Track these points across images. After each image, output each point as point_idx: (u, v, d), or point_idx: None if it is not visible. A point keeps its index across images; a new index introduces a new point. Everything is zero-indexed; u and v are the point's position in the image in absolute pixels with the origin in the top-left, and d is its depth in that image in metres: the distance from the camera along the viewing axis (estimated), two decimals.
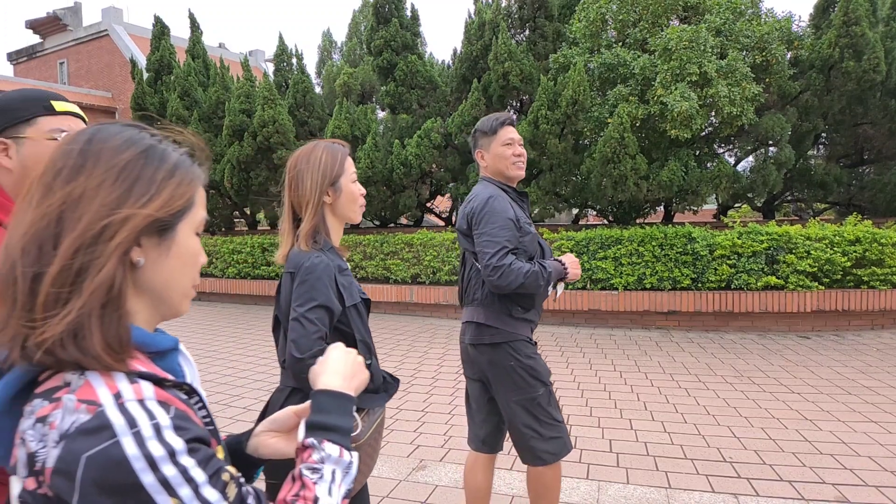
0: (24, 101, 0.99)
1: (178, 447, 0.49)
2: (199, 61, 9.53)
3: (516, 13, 7.70)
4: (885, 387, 3.73)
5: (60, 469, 0.46)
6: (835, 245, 5.31)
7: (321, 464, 0.58)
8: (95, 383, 0.50)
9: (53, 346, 0.50)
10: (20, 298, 0.51)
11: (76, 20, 22.70)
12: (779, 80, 6.45)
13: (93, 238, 0.52)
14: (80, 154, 0.55)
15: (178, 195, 0.57)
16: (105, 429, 0.47)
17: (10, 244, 0.53)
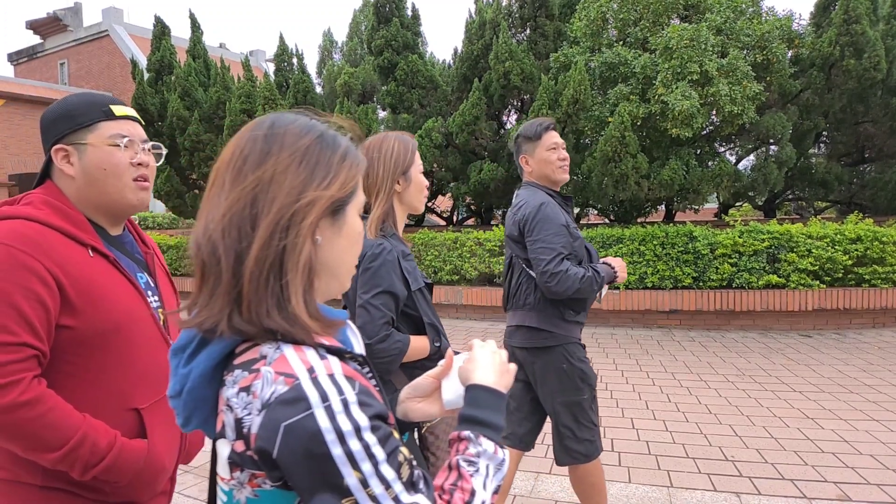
0: (85, 106, 0.97)
1: (363, 424, 0.52)
2: (200, 61, 9.54)
3: (517, 12, 7.70)
4: (886, 385, 3.73)
5: (262, 435, 0.51)
6: (836, 243, 5.31)
7: (477, 458, 0.60)
8: (290, 357, 0.54)
9: (260, 319, 0.54)
10: (225, 276, 0.55)
11: (76, 20, 22.71)
12: (779, 78, 6.44)
13: (287, 219, 0.55)
14: (265, 140, 0.59)
15: (350, 178, 0.61)
16: (301, 401, 0.51)
17: (210, 227, 0.57)
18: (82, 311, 0.89)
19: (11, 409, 0.81)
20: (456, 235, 6.56)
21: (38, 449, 0.84)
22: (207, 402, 0.57)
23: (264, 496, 0.54)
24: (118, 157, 0.97)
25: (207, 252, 0.56)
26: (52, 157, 0.96)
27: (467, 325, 6.13)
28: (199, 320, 0.56)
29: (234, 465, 0.54)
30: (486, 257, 6.29)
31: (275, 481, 0.53)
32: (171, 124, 8.86)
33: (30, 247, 0.86)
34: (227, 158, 0.59)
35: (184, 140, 8.65)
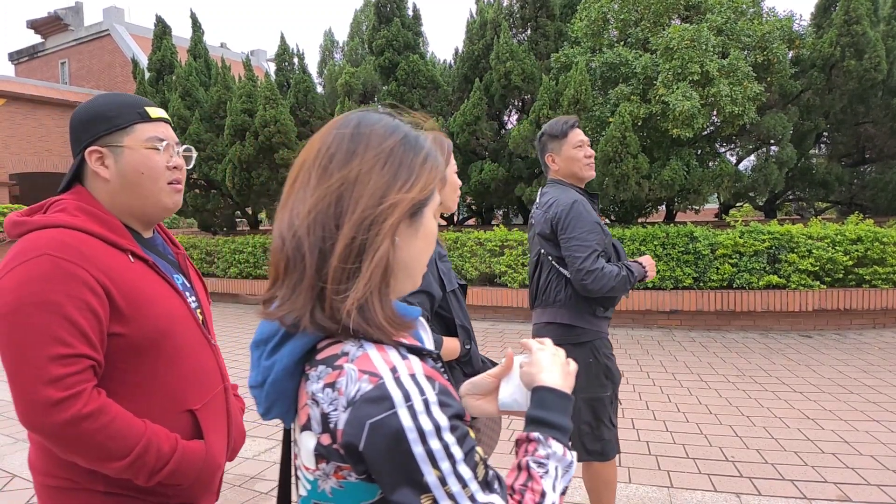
0: (120, 107, 0.95)
1: (443, 424, 0.53)
2: (201, 61, 9.55)
3: (518, 12, 7.70)
4: (886, 386, 3.73)
5: (349, 431, 0.53)
6: (836, 244, 5.31)
7: (547, 459, 0.61)
8: (373, 356, 0.56)
9: (343, 316, 0.55)
10: (309, 272, 0.56)
11: (77, 20, 22.72)
12: (780, 79, 6.45)
13: (370, 221, 0.56)
14: (351, 139, 0.60)
15: (430, 180, 0.62)
16: (385, 400, 0.53)
17: (295, 223, 0.58)
18: (131, 318, 0.88)
19: (75, 421, 0.80)
20: (457, 235, 6.56)
21: (104, 459, 0.83)
22: (289, 394, 0.59)
23: (349, 487, 0.56)
24: (155, 160, 0.96)
25: (292, 247, 0.57)
26: (87, 158, 0.93)
27: None
28: (281, 314, 0.57)
29: (319, 457, 0.56)
30: (486, 257, 6.29)
31: (359, 474, 0.55)
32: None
33: (75, 256, 0.85)
34: (314, 155, 0.60)
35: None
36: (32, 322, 0.80)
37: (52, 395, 0.79)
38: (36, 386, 0.79)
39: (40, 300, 0.81)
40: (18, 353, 0.80)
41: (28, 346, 0.80)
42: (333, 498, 0.57)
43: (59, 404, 0.79)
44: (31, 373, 0.79)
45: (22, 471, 2.74)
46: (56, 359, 0.80)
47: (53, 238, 0.86)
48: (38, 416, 0.79)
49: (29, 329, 0.80)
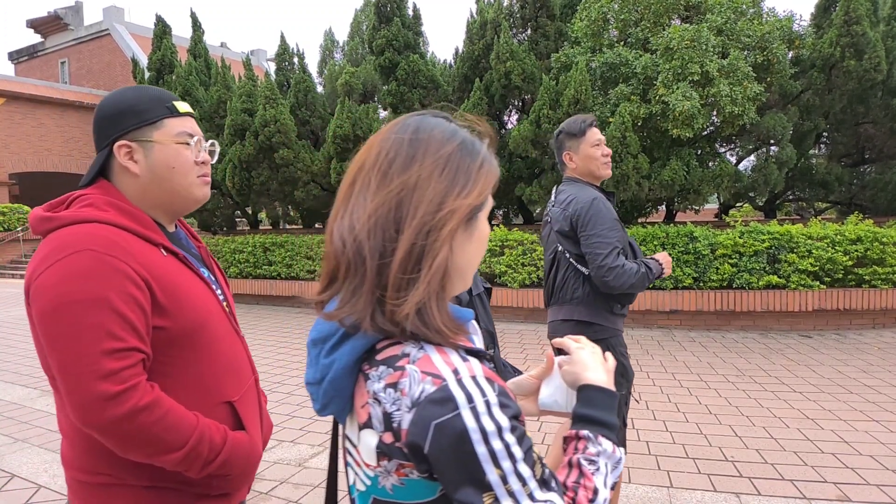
0: (149, 101, 0.93)
1: (504, 424, 0.55)
2: (201, 60, 9.55)
3: (518, 12, 7.71)
4: (886, 386, 3.74)
5: (414, 431, 0.55)
6: (836, 244, 5.32)
7: (597, 457, 0.63)
8: (434, 358, 0.57)
9: (402, 320, 0.57)
10: (369, 275, 0.58)
11: (77, 19, 22.71)
12: (780, 79, 6.45)
13: (429, 226, 0.58)
14: (410, 144, 0.61)
15: (487, 186, 0.63)
16: (449, 401, 0.54)
17: (356, 227, 0.59)
18: (171, 312, 0.87)
19: (132, 415, 0.79)
20: None
21: (162, 452, 0.83)
22: (346, 392, 0.60)
23: (410, 484, 0.57)
24: (185, 155, 0.95)
25: (353, 251, 0.59)
26: (115, 153, 0.92)
27: None
28: (342, 315, 0.59)
29: (381, 454, 0.57)
30: (486, 257, 6.29)
31: (421, 473, 0.57)
32: None
33: (116, 250, 0.84)
34: (373, 159, 0.61)
35: None
36: (83, 318, 0.79)
37: (109, 390, 0.78)
38: (92, 381, 0.78)
39: (89, 296, 0.80)
40: (71, 349, 0.79)
41: (80, 341, 0.79)
42: (394, 494, 0.58)
43: (116, 398, 0.78)
44: (85, 368, 0.78)
45: (21, 470, 2.74)
46: (109, 353, 0.79)
47: (92, 233, 0.84)
48: (95, 412, 0.78)
49: (80, 325, 0.79)
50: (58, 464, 2.78)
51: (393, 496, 0.58)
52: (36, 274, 0.83)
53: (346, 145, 7.84)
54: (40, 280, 0.82)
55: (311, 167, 8.10)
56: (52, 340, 0.80)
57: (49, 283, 0.81)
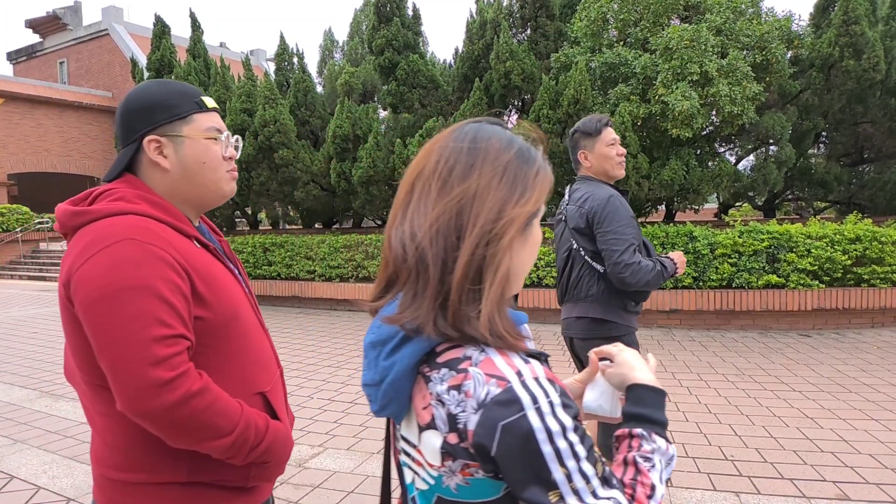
0: (178, 96, 0.93)
1: (568, 424, 0.56)
2: (200, 60, 9.53)
3: (518, 12, 7.71)
4: (885, 384, 3.74)
5: (481, 433, 0.56)
6: (835, 243, 5.32)
7: (652, 454, 0.64)
8: (496, 360, 0.58)
9: (465, 325, 0.58)
10: (432, 282, 0.59)
11: (76, 19, 22.68)
12: (779, 79, 6.46)
13: (489, 235, 0.59)
14: (468, 153, 0.62)
15: (542, 193, 0.65)
16: (514, 403, 0.55)
17: (417, 233, 0.60)
18: (209, 302, 0.88)
19: (185, 400, 0.79)
20: None
21: (212, 437, 0.82)
22: (405, 393, 0.62)
23: (475, 484, 0.59)
24: (215, 150, 0.96)
25: (415, 257, 0.60)
26: (145, 147, 0.91)
27: None
28: (404, 319, 0.60)
29: (446, 454, 0.59)
30: None
31: (487, 472, 0.58)
32: None
33: (156, 239, 0.84)
34: (432, 167, 0.63)
35: None
36: (131, 305, 0.79)
37: (163, 376, 0.78)
38: (144, 368, 0.77)
39: (136, 283, 0.79)
40: (122, 336, 0.78)
41: (131, 328, 0.78)
42: (458, 494, 0.60)
43: (169, 384, 0.78)
44: (137, 355, 0.77)
45: (20, 472, 2.73)
46: (159, 340, 0.79)
47: (131, 223, 0.84)
48: (148, 398, 0.77)
49: (129, 312, 0.78)
50: (57, 465, 2.78)
51: (457, 495, 0.60)
52: (76, 266, 0.81)
53: (345, 145, 7.83)
54: (83, 271, 0.80)
55: (310, 167, 8.10)
56: (102, 329, 0.79)
57: (93, 272, 0.80)
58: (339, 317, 6.94)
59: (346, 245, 7.32)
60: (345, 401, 3.71)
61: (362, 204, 7.87)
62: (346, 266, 7.29)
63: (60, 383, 4.23)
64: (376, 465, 2.72)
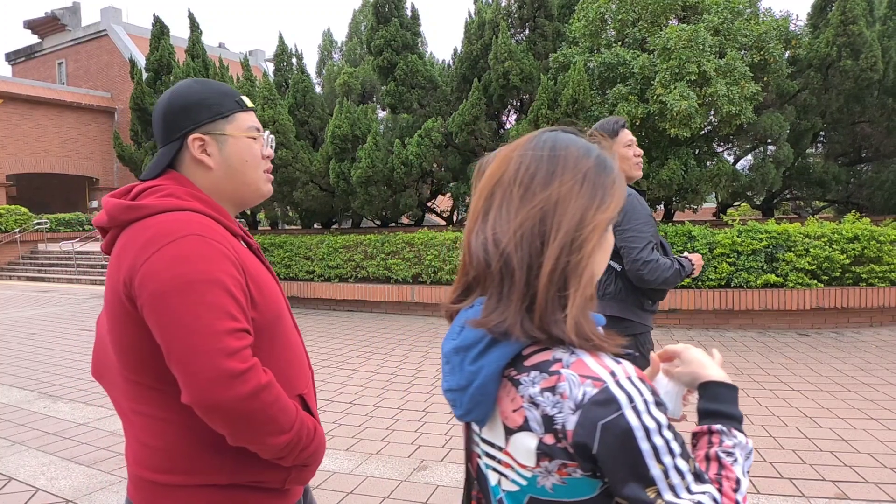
0: (220, 95, 0.94)
1: (663, 421, 0.58)
2: (199, 61, 9.53)
3: (516, 13, 7.71)
4: (884, 384, 3.75)
5: (580, 432, 0.57)
6: (833, 243, 5.33)
7: (734, 448, 0.65)
8: (588, 361, 0.60)
9: (553, 328, 0.60)
10: (518, 286, 0.61)
11: (75, 20, 22.65)
12: (777, 78, 6.47)
13: (572, 241, 0.62)
14: (549, 160, 0.64)
15: (619, 200, 0.67)
16: (612, 402, 0.57)
17: (502, 238, 0.62)
18: (258, 302, 0.87)
19: (256, 393, 0.79)
20: (456, 235, 6.57)
21: (273, 433, 0.82)
22: (492, 397, 0.63)
23: (572, 483, 0.60)
24: (255, 149, 0.97)
25: (500, 262, 0.62)
26: (189, 145, 0.91)
27: None
28: (491, 322, 0.61)
29: (542, 455, 0.60)
30: None
31: (585, 471, 0.59)
32: None
33: (219, 237, 0.85)
34: (512, 173, 0.64)
35: None
36: (203, 297, 0.79)
37: (236, 367, 0.78)
38: (218, 359, 0.77)
39: (205, 276, 0.80)
40: (195, 327, 0.78)
41: (204, 320, 0.78)
42: (554, 493, 0.61)
43: (242, 375, 0.78)
44: (211, 346, 0.77)
45: (18, 473, 2.73)
46: (231, 332, 0.79)
47: (194, 220, 0.84)
48: (222, 389, 0.77)
49: (202, 304, 0.79)
50: (55, 466, 2.78)
51: (553, 495, 0.61)
52: (141, 260, 0.80)
53: (344, 146, 7.83)
54: (149, 265, 0.80)
55: (309, 168, 8.10)
56: (174, 320, 0.78)
57: (161, 265, 0.80)
58: (338, 317, 6.93)
59: (344, 245, 7.32)
60: (344, 401, 3.70)
61: (361, 204, 7.87)
62: (346, 266, 7.28)
63: (59, 384, 4.22)
64: (375, 465, 2.72)
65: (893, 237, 5.33)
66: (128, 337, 0.84)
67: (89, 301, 8.95)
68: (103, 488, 2.53)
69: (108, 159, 20.89)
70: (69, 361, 4.93)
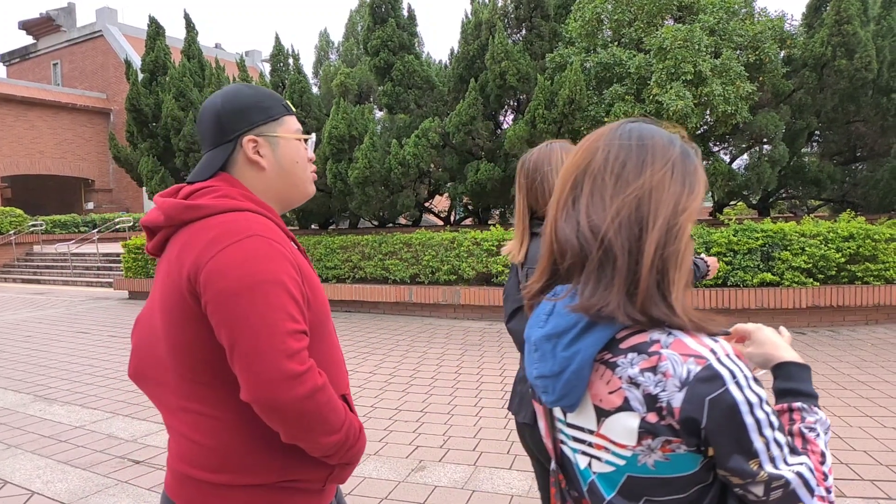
0: (270, 98, 0.96)
1: (763, 396, 0.61)
2: (195, 62, 9.50)
3: (513, 13, 7.73)
4: (879, 381, 3.77)
5: (688, 409, 0.59)
6: (829, 241, 5.36)
7: (815, 424, 0.68)
8: (687, 340, 0.62)
9: (653, 310, 0.62)
10: (620, 271, 0.63)
11: (70, 21, 22.55)
12: (772, 78, 6.50)
13: (674, 228, 0.64)
14: (638, 150, 0.66)
15: (704, 187, 0.69)
16: (717, 378, 0.59)
17: (599, 225, 0.64)
18: (311, 302, 0.89)
19: (313, 393, 0.81)
20: (453, 235, 6.57)
21: (327, 433, 0.84)
22: (585, 381, 0.64)
23: (675, 459, 0.61)
24: (303, 151, 0.99)
25: (600, 249, 0.63)
26: (244, 147, 0.93)
27: (465, 325, 6.14)
28: (593, 307, 0.63)
29: (645, 433, 0.61)
30: (483, 257, 6.30)
31: (689, 447, 0.61)
32: (165, 125, 8.82)
33: (279, 238, 0.86)
34: (601, 163, 0.66)
35: (178, 141, 8.62)
36: (269, 297, 0.80)
37: (296, 368, 0.80)
38: (281, 359, 0.79)
39: (270, 277, 0.81)
40: (261, 327, 0.79)
41: (269, 320, 0.80)
42: (656, 470, 0.62)
43: (301, 377, 0.80)
44: (275, 346, 0.79)
45: (14, 477, 2.71)
46: (292, 333, 0.81)
47: (255, 220, 0.86)
48: (283, 389, 0.79)
49: (267, 304, 0.80)
50: (51, 470, 2.76)
51: (655, 471, 0.62)
52: (206, 258, 0.82)
53: (341, 146, 7.82)
54: (216, 263, 0.81)
55: None
56: (241, 319, 0.79)
57: (229, 264, 0.81)
58: (336, 318, 6.92)
59: (342, 246, 7.31)
60: None
61: (358, 205, 7.86)
62: (343, 267, 7.28)
63: (54, 387, 4.20)
64: (373, 466, 2.71)
65: (888, 235, 5.36)
66: (187, 334, 0.85)
67: (85, 303, 8.91)
68: (99, 491, 2.52)
69: (104, 161, 20.80)
70: (65, 364, 4.90)
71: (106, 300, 9.14)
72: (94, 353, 5.28)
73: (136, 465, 2.77)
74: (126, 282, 9.09)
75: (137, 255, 8.88)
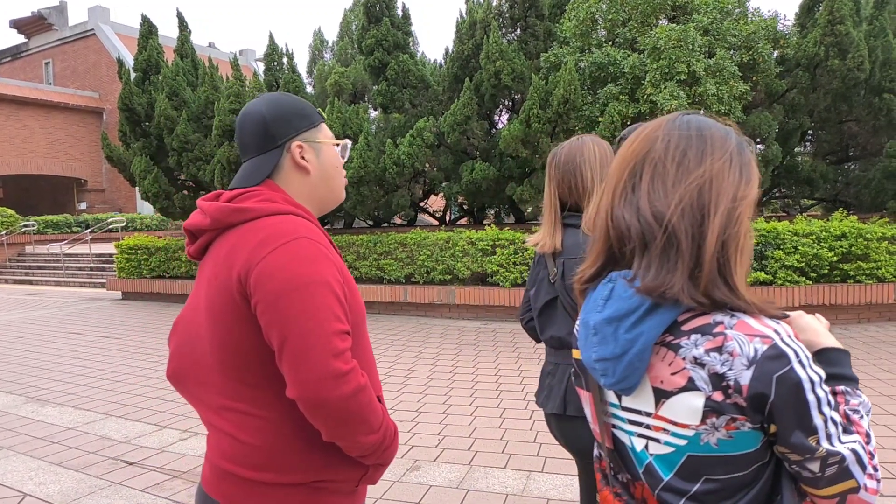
0: (310, 107, 1.00)
1: (823, 375, 0.64)
2: (188, 61, 9.45)
3: (507, 12, 7.73)
4: (872, 379, 3.80)
5: (756, 386, 0.61)
6: (821, 240, 5.40)
7: (859, 406, 0.71)
8: (750, 322, 0.64)
9: (716, 293, 0.64)
10: (685, 255, 0.65)
11: (62, 19, 22.37)
12: (766, 78, 6.54)
13: (735, 215, 0.66)
14: (698, 140, 0.68)
15: (758, 178, 0.71)
16: (782, 356, 0.62)
17: (664, 212, 0.66)
18: (352, 303, 0.91)
19: (356, 393, 0.83)
20: (448, 235, 6.56)
21: (367, 432, 0.86)
22: (645, 363, 0.66)
23: (738, 437, 0.64)
24: (339, 157, 1.03)
25: (665, 234, 0.65)
26: (291, 152, 0.96)
27: (460, 325, 6.14)
28: (658, 290, 0.64)
29: (710, 412, 0.63)
30: (478, 257, 6.30)
31: (754, 424, 0.63)
32: (158, 124, 8.76)
33: (323, 240, 0.90)
34: (661, 151, 0.68)
35: (172, 140, 8.56)
36: (317, 298, 0.83)
37: (341, 368, 0.82)
38: (328, 359, 0.81)
39: (318, 278, 0.84)
40: (310, 326, 0.82)
41: (317, 320, 0.82)
42: (719, 448, 0.64)
43: (346, 376, 0.82)
44: (321, 346, 0.81)
45: (6, 478, 2.69)
46: (338, 333, 0.83)
47: (301, 223, 0.89)
48: (329, 388, 0.81)
49: (316, 304, 0.83)
50: (43, 471, 2.74)
51: (717, 450, 0.64)
52: (256, 259, 0.84)
53: None
54: (265, 265, 0.84)
55: None
56: (290, 320, 0.82)
57: (280, 264, 0.84)
58: None
59: (337, 246, 7.29)
60: None
61: (353, 204, 7.85)
62: None
63: (47, 388, 4.17)
64: None
65: (880, 234, 5.40)
66: (235, 334, 0.86)
67: (77, 304, 8.85)
68: (92, 493, 2.50)
69: (97, 160, 20.65)
70: (57, 365, 4.86)
71: (99, 301, 9.08)
72: (86, 354, 5.24)
73: (129, 467, 2.76)
74: (119, 282, 9.03)
75: (130, 255, 8.82)
